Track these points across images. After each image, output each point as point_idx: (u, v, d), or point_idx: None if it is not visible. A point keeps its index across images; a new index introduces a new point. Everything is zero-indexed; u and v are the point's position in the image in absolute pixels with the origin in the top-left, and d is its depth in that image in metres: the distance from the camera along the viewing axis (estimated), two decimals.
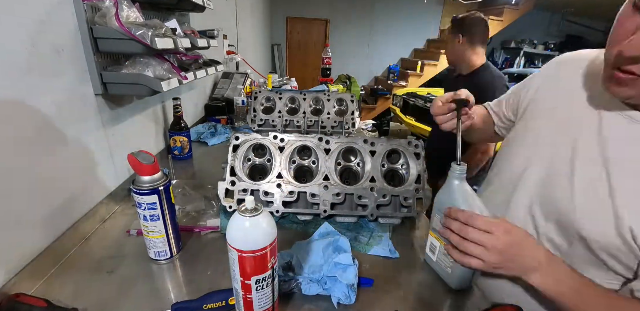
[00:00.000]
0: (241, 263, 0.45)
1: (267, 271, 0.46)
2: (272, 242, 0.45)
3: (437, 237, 0.64)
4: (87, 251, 0.70)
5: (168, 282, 0.63)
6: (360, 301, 0.59)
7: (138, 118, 1.04)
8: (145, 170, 0.60)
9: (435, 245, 0.65)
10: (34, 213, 0.63)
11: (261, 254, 0.44)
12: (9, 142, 0.56)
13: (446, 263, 0.62)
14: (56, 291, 0.58)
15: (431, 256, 0.67)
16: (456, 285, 0.62)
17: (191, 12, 1.39)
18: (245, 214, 0.44)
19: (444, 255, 0.62)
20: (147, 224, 0.63)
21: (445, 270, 0.63)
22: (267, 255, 0.45)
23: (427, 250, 0.69)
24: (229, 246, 0.45)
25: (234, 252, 0.44)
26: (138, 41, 0.72)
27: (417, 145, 0.83)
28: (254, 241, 0.44)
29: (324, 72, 2.34)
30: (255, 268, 0.45)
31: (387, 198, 0.78)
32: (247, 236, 0.44)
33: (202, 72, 1.14)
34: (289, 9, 6.04)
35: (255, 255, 0.44)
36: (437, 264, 0.65)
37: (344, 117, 1.42)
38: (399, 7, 6.17)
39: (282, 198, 0.78)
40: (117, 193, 0.89)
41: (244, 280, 0.46)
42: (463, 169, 0.58)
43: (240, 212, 0.44)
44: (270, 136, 0.83)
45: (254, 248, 0.44)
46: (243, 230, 0.44)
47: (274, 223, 0.46)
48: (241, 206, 0.45)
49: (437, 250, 0.65)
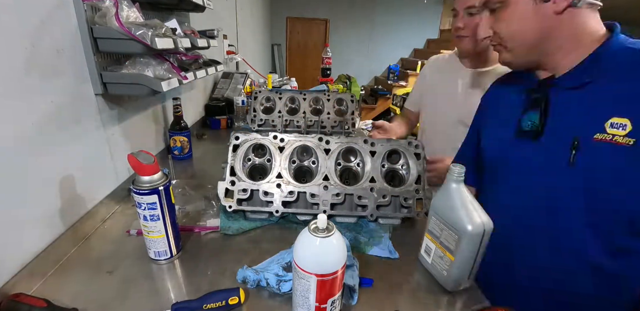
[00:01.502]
0: (320, 287, 0.40)
1: (340, 289, 0.42)
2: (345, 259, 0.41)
3: (433, 239, 0.64)
4: (87, 251, 0.70)
5: (168, 282, 0.63)
6: (360, 301, 0.59)
7: (138, 118, 1.04)
8: (145, 170, 0.60)
9: (430, 247, 0.65)
10: (34, 213, 0.63)
11: (340, 273, 0.40)
12: (9, 141, 0.56)
13: (442, 265, 0.62)
14: (56, 291, 0.58)
15: (426, 258, 0.67)
16: (451, 287, 0.62)
17: (191, 12, 1.39)
18: (319, 234, 0.39)
19: (439, 257, 0.62)
20: (147, 224, 0.63)
21: (440, 272, 0.63)
22: (342, 272, 0.41)
23: (422, 252, 0.68)
24: (302, 273, 0.39)
25: (311, 278, 0.39)
26: (138, 41, 0.72)
27: (418, 145, 0.83)
28: (333, 263, 0.39)
29: (324, 72, 2.33)
30: (331, 289, 0.41)
31: (387, 199, 0.78)
32: (325, 259, 0.39)
33: (202, 72, 1.14)
34: (289, 9, 6.04)
35: (333, 276, 0.40)
36: (433, 266, 0.65)
37: (344, 117, 1.42)
38: (399, 7, 6.17)
39: (282, 198, 0.78)
40: (117, 193, 0.89)
41: (319, 305, 0.42)
42: (461, 172, 0.58)
43: (312, 232, 0.40)
44: (270, 136, 0.83)
45: (332, 270, 0.39)
46: (320, 253, 0.39)
47: (343, 238, 0.42)
48: (311, 225, 0.40)
49: (432, 252, 0.64)
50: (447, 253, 0.60)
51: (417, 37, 6.48)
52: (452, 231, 0.58)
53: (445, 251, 0.60)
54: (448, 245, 0.60)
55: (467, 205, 0.57)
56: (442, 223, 0.60)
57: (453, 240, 0.58)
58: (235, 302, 0.55)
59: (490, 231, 0.56)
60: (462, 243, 0.57)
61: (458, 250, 0.58)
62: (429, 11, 6.27)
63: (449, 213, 0.59)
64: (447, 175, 0.60)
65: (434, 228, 0.63)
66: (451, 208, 0.58)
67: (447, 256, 0.60)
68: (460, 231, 0.56)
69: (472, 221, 0.56)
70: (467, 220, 0.56)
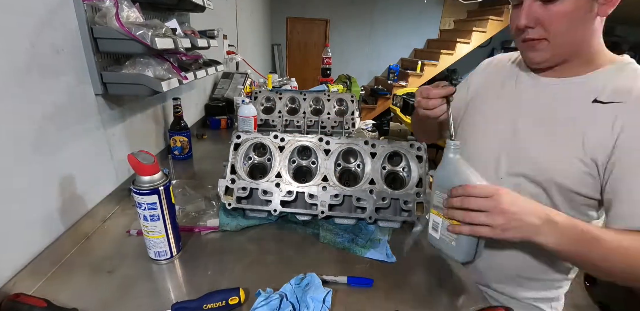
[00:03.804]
0: None
1: None
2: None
3: (439, 213, 0.64)
4: (87, 251, 0.70)
5: (168, 282, 0.64)
6: (360, 301, 0.59)
7: (138, 118, 1.04)
8: (145, 170, 0.60)
9: (437, 221, 0.64)
10: (34, 213, 0.63)
11: None
12: (9, 141, 0.56)
13: (450, 237, 0.62)
14: (56, 291, 0.58)
15: (434, 234, 0.66)
16: (463, 258, 0.61)
17: (191, 12, 1.39)
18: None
19: (447, 230, 0.62)
20: (147, 224, 0.63)
21: (450, 244, 0.62)
22: None
23: (429, 230, 0.67)
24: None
25: None
26: (138, 41, 0.72)
27: (420, 147, 0.82)
28: None
29: (324, 72, 2.34)
30: None
31: (387, 201, 0.78)
32: None
33: (202, 72, 1.14)
34: (289, 9, 6.03)
35: None
36: (442, 241, 0.64)
37: (344, 117, 1.42)
38: (399, 7, 6.16)
39: (281, 197, 0.78)
40: (117, 193, 0.89)
41: None
42: (457, 144, 0.60)
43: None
44: (271, 135, 0.83)
45: None
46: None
47: None
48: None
49: (439, 226, 0.64)
50: (454, 223, 0.60)
51: (417, 37, 6.47)
52: None
53: (452, 221, 0.60)
54: None
55: (466, 172, 0.59)
56: (446, 193, 0.61)
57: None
58: (235, 302, 0.55)
59: None
60: None
61: None
62: (429, 11, 6.26)
63: (451, 183, 0.60)
64: (444, 149, 0.62)
65: (438, 202, 0.63)
66: (454, 175, 0.60)
67: (455, 225, 0.60)
68: None
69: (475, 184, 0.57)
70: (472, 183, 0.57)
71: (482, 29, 5.23)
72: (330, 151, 0.82)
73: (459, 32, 5.60)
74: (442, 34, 6.32)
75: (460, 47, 5.32)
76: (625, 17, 0.83)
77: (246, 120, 1.25)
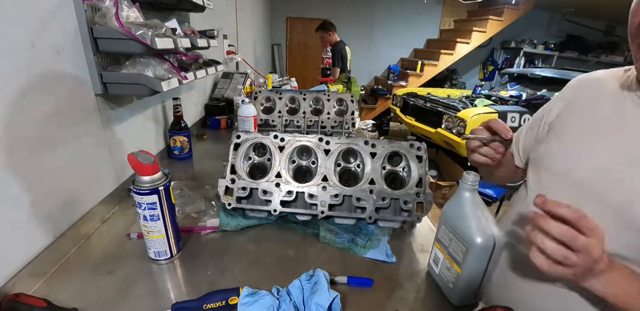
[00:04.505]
0: None
1: None
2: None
3: (441, 249, 0.61)
4: (87, 251, 0.70)
5: (168, 282, 0.63)
6: (360, 301, 0.59)
7: (138, 118, 1.04)
8: (145, 170, 0.60)
9: (439, 257, 0.62)
10: (34, 213, 0.63)
11: None
12: (8, 142, 0.56)
13: (448, 277, 0.59)
14: (56, 291, 0.58)
15: (434, 267, 0.64)
16: (457, 301, 0.59)
17: (191, 12, 1.39)
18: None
19: (446, 269, 0.60)
20: (147, 224, 0.63)
21: (447, 284, 0.60)
22: None
23: (430, 261, 0.66)
24: None
25: None
26: (138, 41, 0.72)
27: (420, 147, 0.81)
28: None
29: (324, 72, 2.34)
30: None
31: (387, 201, 0.77)
32: None
33: (202, 72, 1.14)
34: (289, 9, 6.03)
35: None
36: (440, 277, 0.62)
37: (344, 117, 1.42)
38: (399, 7, 6.16)
39: (281, 197, 0.78)
40: (117, 193, 0.89)
41: None
42: (476, 180, 0.54)
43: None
44: (271, 135, 0.83)
45: None
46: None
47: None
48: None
49: (440, 263, 0.62)
50: (454, 265, 0.57)
51: (417, 37, 6.47)
52: (460, 242, 0.55)
53: (452, 262, 0.57)
54: (456, 257, 0.57)
55: (478, 216, 0.53)
56: (451, 232, 0.57)
57: (461, 252, 0.55)
58: (235, 302, 0.55)
59: (501, 246, 0.53)
60: (470, 256, 0.53)
61: (465, 262, 0.54)
62: (429, 11, 6.26)
63: (459, 223, 0.56)
64: (460, 183, 0.56)
65: (443, 238, 0.60)
66: (462, 217, 0.55)
67: (454, 268, 0.57)
68: (468, 242, 0.53)
69: (482, 233, 0.52)
70: (477, 232, 0.52)
71: (482, 29, 5.24)
72: (330, 151, 0.82)
73: (459, 32, 5.61)
74: (442, 34, 6.33)
75: (460, 47, 5.32)
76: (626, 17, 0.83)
77: (246, 120, 1.25)
